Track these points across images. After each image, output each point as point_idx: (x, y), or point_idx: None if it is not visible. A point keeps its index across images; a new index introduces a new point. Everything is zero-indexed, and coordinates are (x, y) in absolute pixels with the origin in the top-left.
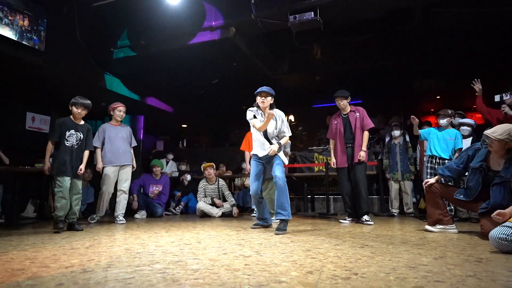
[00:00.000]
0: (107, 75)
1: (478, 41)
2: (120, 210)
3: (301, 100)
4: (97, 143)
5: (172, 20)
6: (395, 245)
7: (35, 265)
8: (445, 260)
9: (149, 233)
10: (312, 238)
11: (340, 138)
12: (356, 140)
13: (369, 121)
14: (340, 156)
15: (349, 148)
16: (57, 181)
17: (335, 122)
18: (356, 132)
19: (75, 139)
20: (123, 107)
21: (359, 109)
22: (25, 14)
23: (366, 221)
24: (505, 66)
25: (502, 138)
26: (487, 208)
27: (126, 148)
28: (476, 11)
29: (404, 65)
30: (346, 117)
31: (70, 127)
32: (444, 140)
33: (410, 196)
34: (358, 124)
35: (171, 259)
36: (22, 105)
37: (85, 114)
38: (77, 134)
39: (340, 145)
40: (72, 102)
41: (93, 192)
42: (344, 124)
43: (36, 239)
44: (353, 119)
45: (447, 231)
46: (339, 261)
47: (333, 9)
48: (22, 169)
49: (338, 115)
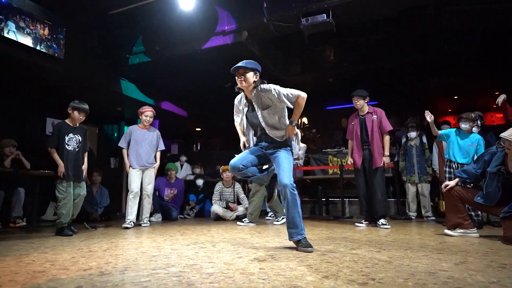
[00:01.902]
0: (122, 80)
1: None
2: (145, 214)
3: (314, 102)
4: (123, 144)
5: (185, 26)
6: (413, 250)
7: (55, 267)
8: (466, 266)
9: (164, 236)
10: (328, 242)
11: (357, 140)
12: (372, 143)
13: (387, 124)
14: (357, 157)
15: (365, 150)
16: (60, 187)
17: (352, 123)
18: (373, 135)
19: (75, 142)
20: (151, 112)
21: (377, 111)
22: (46, 24)
23: (383, 224)
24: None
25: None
26: (510, 212)
27: (151, 152)
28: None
29: (419, 64)
30: (363, 118)
31: (68, 131)
32: (465, 146)
33: (427, 198)
34: (375, 127)
35: (186, 262)
36: (42, 111)
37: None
38: (76, 137)
39: (356, 146)
40: (74, 107)
41: (107, 194)
42: (360, 126)
43: (56, 242)
44: (369, 121)
45: (467, 235)
46: (355, 265)
47: (346, 11)
48: (42, 173)
49: (356, 116)
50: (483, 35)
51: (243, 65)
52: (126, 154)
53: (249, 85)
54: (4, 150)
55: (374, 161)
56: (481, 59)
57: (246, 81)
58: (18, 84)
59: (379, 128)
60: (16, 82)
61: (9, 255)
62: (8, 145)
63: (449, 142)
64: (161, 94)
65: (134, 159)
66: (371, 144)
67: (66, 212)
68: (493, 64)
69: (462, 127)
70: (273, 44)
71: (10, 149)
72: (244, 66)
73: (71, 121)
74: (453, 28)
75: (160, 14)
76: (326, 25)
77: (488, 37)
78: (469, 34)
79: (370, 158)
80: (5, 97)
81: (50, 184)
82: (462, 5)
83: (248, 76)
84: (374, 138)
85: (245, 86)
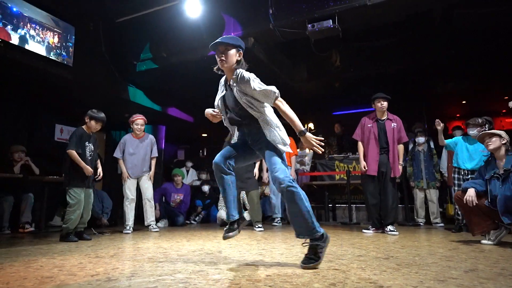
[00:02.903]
0: (130, 87)
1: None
2: (150, 219)
3: (321, 107)
4: (118, 155)
5: (192, 33)
6: (422, 257)
7: (63, 273)
8: (477, 274)
9: (170, 242)
10: (335, 248)
11: (374, 144)
12: (393, 151)
13: (404, 135)
14: (371, 163)
15: (382, 155)
16: (73, 193)
17: (369, 125)
18: (394, 143)
19: (89, 150)
20: (142, 119)
21: (396, 119)
22: (55, 32)
23: (391, 231)
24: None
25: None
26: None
27: (146, 160)
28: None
29: (426, 68)
30: (383, 123)
31: (86, 138)
32: (476, 153)
33: (436, 204)
34: (395, 135)
35: (192, 268)
36: (51, 118)
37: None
38: (90, 146)
39: (372, 151)
40: (92, 116)
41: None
42: (379, 130)
43: (64, 247)
44: (389, 128)
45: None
46: (363, 273)
47: (352, 16)
48: (50, 179)
49: (373, 119)
50: (492, 38)
51: (224, 41)
52: (122, 164)
53: (231, 66)
54: (14, 155)
55: (394, 170)
56: (490, 63)
57: (228, 61)
58: (28, 90)
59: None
60: (26, 89)
61: (18, 260)
62: (17, 151)
63: (457, 149)
64: (168, 100)
65: (130, 169)
66: (390, 151)
67: (74, 219)
68: (502, 68)
69: (470, 133)
70: (279, 50)
71: (19, 154)
72: (226, 42)
73: (87, 129)
74: (461, 31)
75: (167, 21)
76: (332, 30)
77: (496, 41)
78: (477, 38)
79: (387, 164)
80: (15, 103)
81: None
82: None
83: (231, 53)
84: (394, 146)
85: (226, 67)
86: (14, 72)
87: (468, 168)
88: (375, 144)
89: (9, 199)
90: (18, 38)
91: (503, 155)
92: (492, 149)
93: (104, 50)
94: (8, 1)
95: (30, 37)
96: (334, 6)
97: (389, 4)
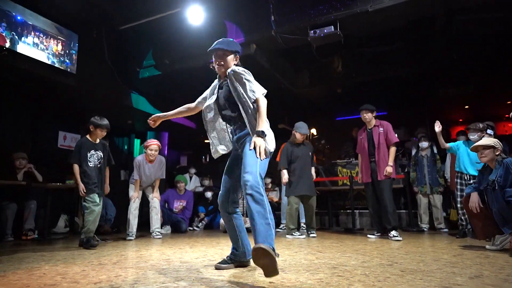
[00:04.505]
0: (133, 93)
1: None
2: (155, 225)
3: (323, 113)
4: (137, 176)
5: (194, 39)
6: (426, 263)
7: (66, 280)
8: (482, 280)
9: (173, 249)
10: (338, 254)
11: (364, 153)
12: (378, 155)
13: (393, 136)
14: (364, 171)
15: (372, 163)
16: (89, 199)
17: (360, 137)
18: (379, 148)
19: (96, 158)
20: (156, 145)
21: (383, 124)
22: (59, 40)
23: (394, 236)
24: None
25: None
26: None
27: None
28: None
29: (428, 73)
30: (370, 132)
31: (90, 147)
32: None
33: (440, 210)
34: (382, 139)
35: (195, 275)
36: (55, 125)
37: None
38: (97, 153)
39: (364, 160)
40: (96, 124)
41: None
42: (368, 139)
43: (67, 254)
44: (376, 135)
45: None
46: (367, 279)
47: (354, 22)
48: (53, 186)
49: (364, 130)
50: (494, 43)
51: (222, 47)
52: (138, 186)
53: (228, 69)
54: (15, 163)
55: (379, 173)
56: (492, 68)
57: (226, 66)
58: (31, 98)
59: (385, 141)
60: (30, 96)
61: (21, 268)
62: (18, 158)
63: (460, 154)
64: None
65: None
66: (377, 156)
67: (93, 219)
68: (504, 73)
69: (471, 138)
70: (282, 56)
71: (20, 162)
72: (224, 49)
73: (92, 137)
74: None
75: (170, 28)
76: (334, 36)
77: (499, 46)
78: (479, 43)
79: (376, 169)
80: (19, 110)
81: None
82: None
83: (229, 59)
84: (380, 151)
85: (223, 72)
86: (18, 79)
87: (471, 173)
88: (366, 153)
89: (12, 206)
90: (22, 46)
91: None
92: (485, 161)
93: (107, 57)
94: (12, 9)
95: (34, 45)
96: (335, 12)
97: (390, 10)
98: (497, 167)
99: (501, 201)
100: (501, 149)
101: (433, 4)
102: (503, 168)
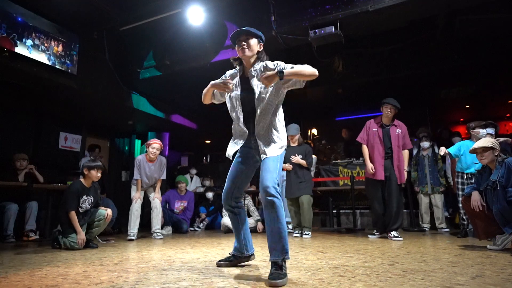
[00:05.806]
0: (134, 94)
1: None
2: (155, 226)
3: (324, 113)
4: (137, 176)
5: (195, 40)
6: (428, 263)
7: (67, 281)
8: (483, 280)
9: (175, 249)
10: (339, 254)
11: (378, 149)
12: (398, 158)
13: (409, 142)
14: (378, 168)
15: (387, 160)
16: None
17: (373, 130)
18: (397, 149)
19: (87, 203)
20: (158, 144)
21: (401, 126)
22: (59, 41)
23: (395, 237)
24: None
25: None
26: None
27: (155, 179)
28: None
29: (429, 74)
30: (388, 129)
31: (83, 193)
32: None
33: (441, 210)
34: (400, 142)
35: (197, 276)
36: (56, 126)
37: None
38: (89, 198)
39: (377, 156)
40: (90, 167)
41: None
42: (383, 135)
43: (68, 255)
44: (394, 134)
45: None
46: (368, 279)
47: (354, 23)
48: (55, 187)
49: (379, 124)
50: (495, 44)
51: (246, 30)
52: (140, 185)
53: (252, 55)
54: (16, 164)
55: (400, 177)
56: (493, 68)
57: (251, 49)
58: (32, 99)
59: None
60: (31, 97)
61: (23, 269)
62: (19, 159)
63: (462, 154)
64: (171, 107)
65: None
66: (395, 157)
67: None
68: (505, 73)
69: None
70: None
71: (20, 163)
72: (248, 31)
73: (86, 181)
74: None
75: (170, 29)
76: (335, 36)
77: (499, 46)
78: (480, 43)
79: (391, 169)
80: (20, 111)
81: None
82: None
83: (252, 43)
84: (398, 152)
85: (247, 56)
86: (19, 80)
87: (474, 172)
88: (381, 149)
89: (13, 207)
90: (23, 47)
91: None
92: (486, 163)
93: (108, 58)
94: (13, 11)
95: (34, 46)
96: (336, 12)
97: (391, 10)
98: (498, 167)
99: (502, 201)
100: (499, 149)
101: (434, 5)
102: (505, 168)
